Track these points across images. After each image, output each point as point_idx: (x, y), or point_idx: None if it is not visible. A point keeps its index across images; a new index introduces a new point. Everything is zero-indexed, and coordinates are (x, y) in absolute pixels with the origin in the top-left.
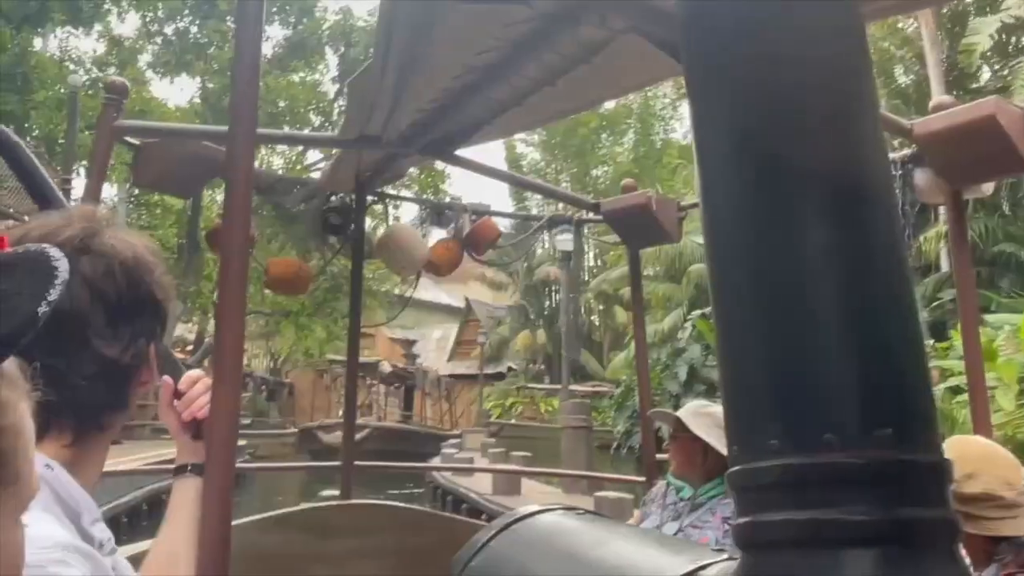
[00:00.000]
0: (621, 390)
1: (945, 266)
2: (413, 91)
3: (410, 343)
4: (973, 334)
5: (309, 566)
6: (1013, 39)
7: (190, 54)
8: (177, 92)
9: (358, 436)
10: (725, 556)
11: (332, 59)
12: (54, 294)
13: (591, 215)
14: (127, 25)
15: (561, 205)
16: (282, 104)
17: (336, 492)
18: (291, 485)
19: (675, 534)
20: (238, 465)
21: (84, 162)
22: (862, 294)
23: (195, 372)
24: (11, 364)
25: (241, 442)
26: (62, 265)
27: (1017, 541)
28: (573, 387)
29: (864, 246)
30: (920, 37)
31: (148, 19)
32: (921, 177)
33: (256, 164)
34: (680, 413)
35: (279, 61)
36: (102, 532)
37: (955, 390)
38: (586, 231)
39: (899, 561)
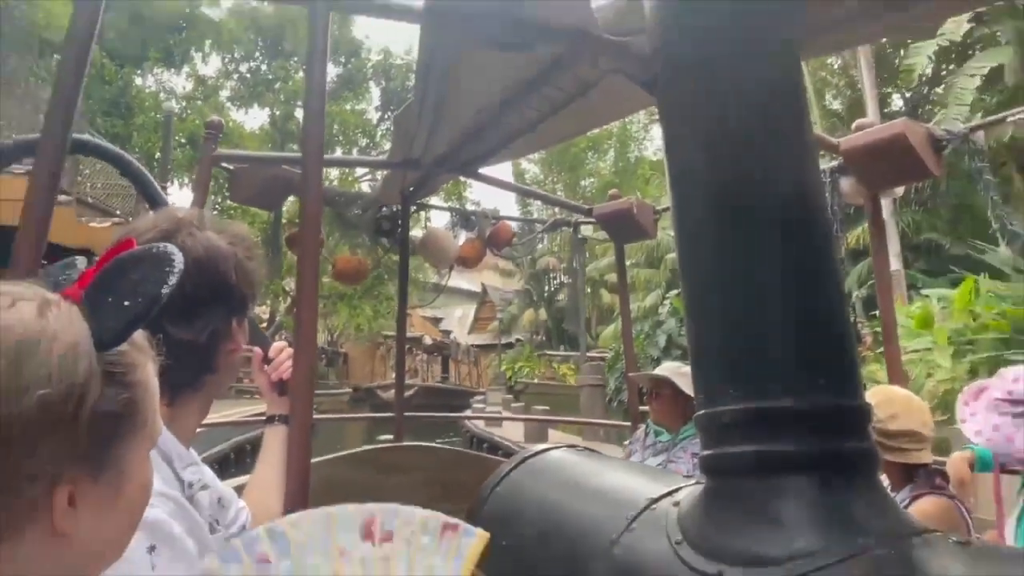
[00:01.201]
0: (611, 355)
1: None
2: (445, 124)
3: (438, 320)
4: (888, 307)
5: (370, 494)
6: (947, 62)
7: (260, 87)
8: (251, 119)
9: (407, 393)
10: (694, 482)
11: (375, 91)
12: (173, 280)
13: (585, 218)
14: (210, 66)
15: (557, 210)
16: (336, 128)
17: (391, 437)
18: (350, 433)
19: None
20: (319, 415)
21: (175, 173)
22: (799, 277)
23: (280, 343)
24: (139, 334)
25: None
26: (178, 258)
27: (927, 469)
28: (588, 353)
29: (800, 239)
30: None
31: (227, 60)
32: (846, 183)
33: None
34: (665, 373)
35: (333, 93)
36: (192, 475)
37: (879, 353)
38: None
39: (832, 483)
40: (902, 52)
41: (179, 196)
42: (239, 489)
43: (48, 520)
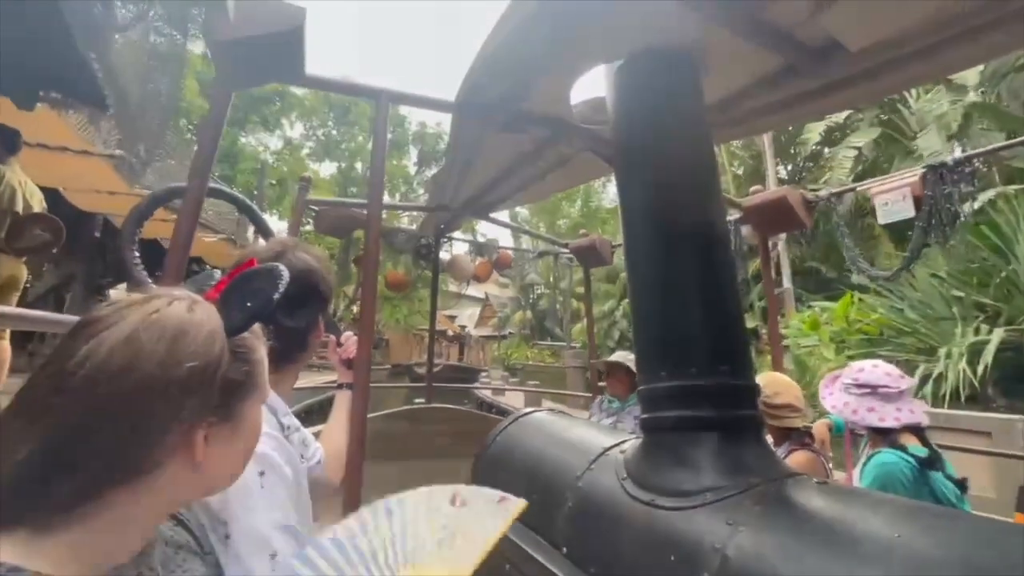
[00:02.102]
0: (579, 346)
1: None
2: (467, 181)
3: (453, 317)
4: (774, 318)
5: (409, 439)
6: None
7: (331, 146)
8: (323, 169)
9: (438, 368)
10: (635, 437)
11: (413, 151)
12: (281, 289)
13: (564, 250)
14: (295, 130)
15: (541, 243)
16: (385, 177)
17: (423, 400)
18: (391, 397)
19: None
20: (373, 384)
21: (268, 206)
22: (711, 293)
23: (348, 332)
24: (257, 326)
25: None
26: (285, 274)
27: (799, 431)
28: (561, 344)
29: (711, 265)
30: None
31: (307, 126)
32: (745, 229)
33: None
34: (618, 359)
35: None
36: (291, 421)
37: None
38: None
39: (731, 440)
40: (791, 129)
41: (272, 222)
42: (316, 434)
43: (189, 454)
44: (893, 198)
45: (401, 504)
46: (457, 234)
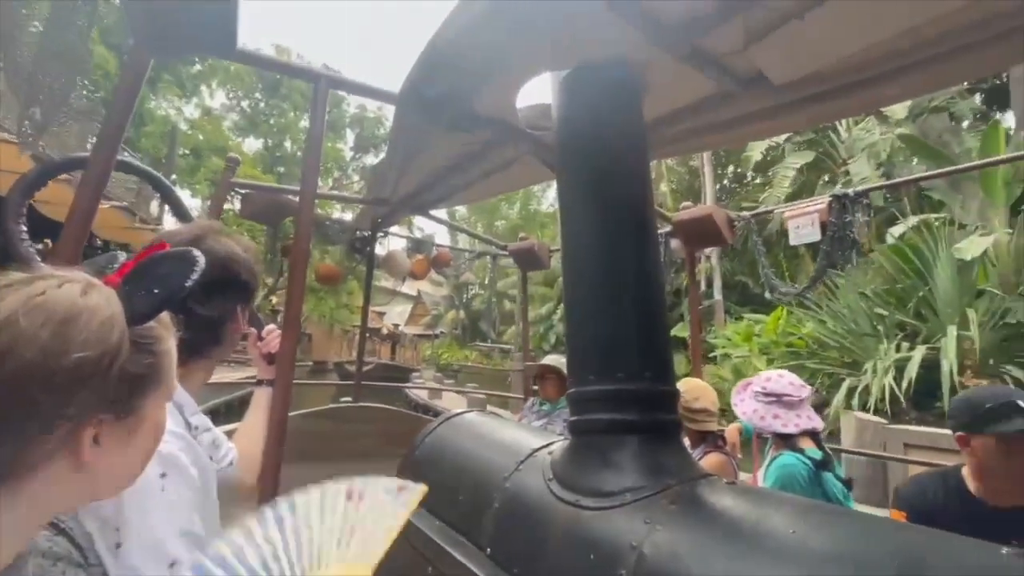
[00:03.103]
0: (515, 348)
1: (703, 285)
2: (408, 176)
3: (382, 314)
4: (696, 330)
5: (333, 440)
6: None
7: (259, 119)
8: (248, 144)
9: (366, 368)
10: (564, 439)
11: (350, 134)
12: (195, 276)
13: (502, 252)
14: (216, 99)
15: (477, 242)
16: None
17: (350, 398)
18: (313, 396)
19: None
20: (296, 381)
21: (178, 177)
22: (638, 305)
23: (271, 326)
24: (165, 314)
25: None
26: (201, 260)
27: (714, 434)
28: (502, 345)
29: (642, 275)
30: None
31: (231, 95)
32: (674, 243)
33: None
34: (550, 362)
35: None
36: (199, 420)
37: (710, 357)
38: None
39: (650, 442)
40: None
41: (183, 198)
42: (229, 434)
43: (74, 454)
44: (803, 222)
45: (292, 508)
46: (393, 229)
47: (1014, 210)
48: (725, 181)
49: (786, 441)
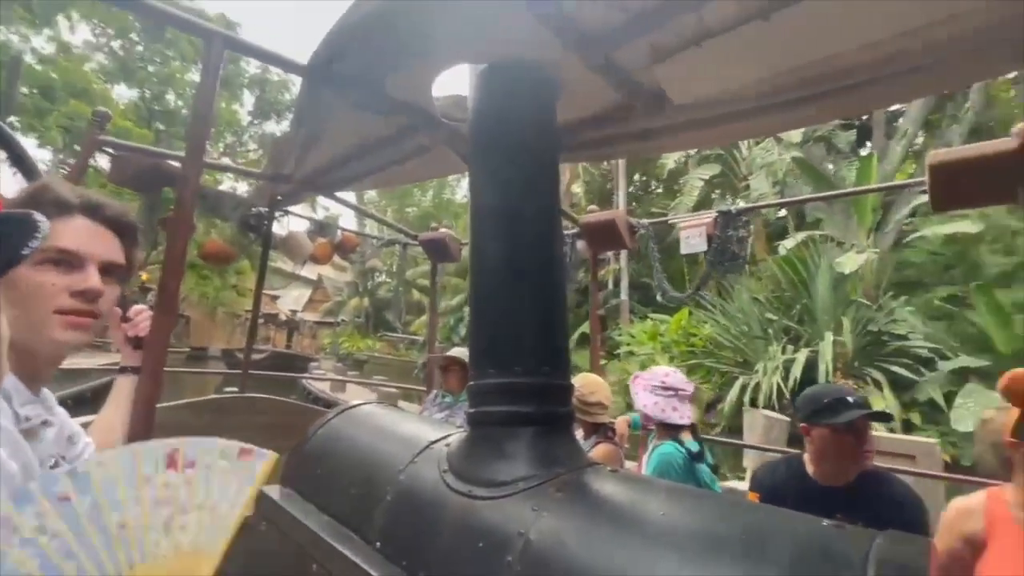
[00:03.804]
0: (423, 339)
1: (611, 285)
2: (313, 153)
3: (276, 298)
4: (596, 328)
5: (213, 433)
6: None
7: (134, 65)
8: (119, 93)
9: (261, 356)
10: (462, 431)
11: (249, 96)
12: (36, 242)
13: (412, 241)
14: (79, 33)
15: (388, 230)
16: None
17: (235, 388)
18: (192, 386)
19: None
20: (169, 369)
21: (21, 117)
22: (538, 301)
23: (139, 306)
24: None
25: None
26: (44, 226)
27: (605, 426)
28: (413, 336)
29: (545, 273)
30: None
31: (98, 32)
32: (580, 244)
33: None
34: (455, 354)
35: None
36: (31, 411)
37: (615, 353)
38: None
39: (544, 433)
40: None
41: (29, 147)
42: (87, 426)
43: None
44: (693, 233)
45: (83, 484)
46: (295, 208)
47: (879, 232)
48: (632, 188)
49: (668, 432)
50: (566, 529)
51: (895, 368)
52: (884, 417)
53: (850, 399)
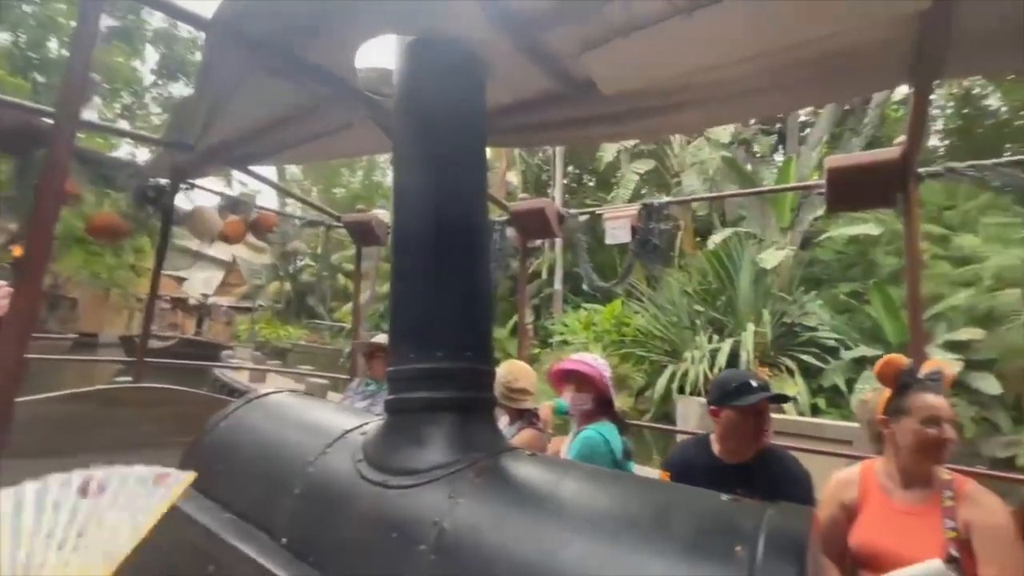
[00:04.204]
0: (350, 327)
1: (545, 275)
2: (221, 121)
3: (181, 279)
4: (523, 315)
5: (100, 428)
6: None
7: (6, 3)
8: None
9: (167, 344)
10: (380, 419)
11: (153, 52)
12: None
13: (336, 223)
14: None
15: (313, 211)
16: (97, 77)
17: (130, 379)
18: (78, 375)
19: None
20: (48, 356)
21: None
22: (463, 286)
23: None
24: None
25: None
26: None
27: (530, 411)
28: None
29: (470, 257)
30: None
31: None
32: (510, 232)
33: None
34: (380, 341)
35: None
36: None
37: (548, 342)
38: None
39: (464, 419)
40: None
41: None
42: None
43: None
44: (618, 224)
45: None
46: (205, 182)
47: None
48: (567, 180)
49: (591, 418)
50: (482, 515)
51: (805, 357)
52: (783, 399)
53: (754, 383)
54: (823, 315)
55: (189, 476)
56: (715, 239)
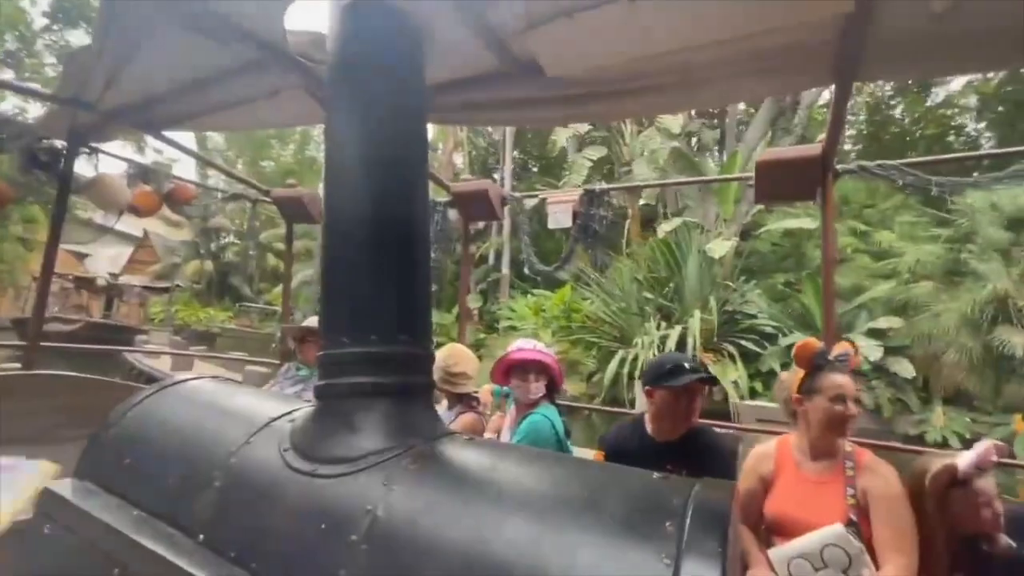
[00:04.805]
0: (280, 311)
1: (492, 259)
2: (127, 78)
3: (83, 256)
4: (464, 299)
5: None
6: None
7: None
8: None
9: (73, 327)
10: (310, 405)
11: None
12: None
13: (263, 198)
14: None
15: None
16: None
17: (19, 365)
18: None
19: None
20: None
21: None
22: (402, 263)
23: None
24: None
25: None
26: None
27: (470, 395)
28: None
29: (407, 238)
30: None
31: None
32: (452, 213)
33: None
34: (312, 324)
35: None
36: None
37: (494, 327)
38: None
39: (399, 404)
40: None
41: None
42: None
43: None
44: (560, 209)
45: None
46: (111, 147)
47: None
48: (514, 166)
49: (536, 403)
50: (417, 502)
51: (745, 343)
52: (713, 381)
53: (687, 365)
54: (761, 303)
55: (47, 467)
56: (664, 228)
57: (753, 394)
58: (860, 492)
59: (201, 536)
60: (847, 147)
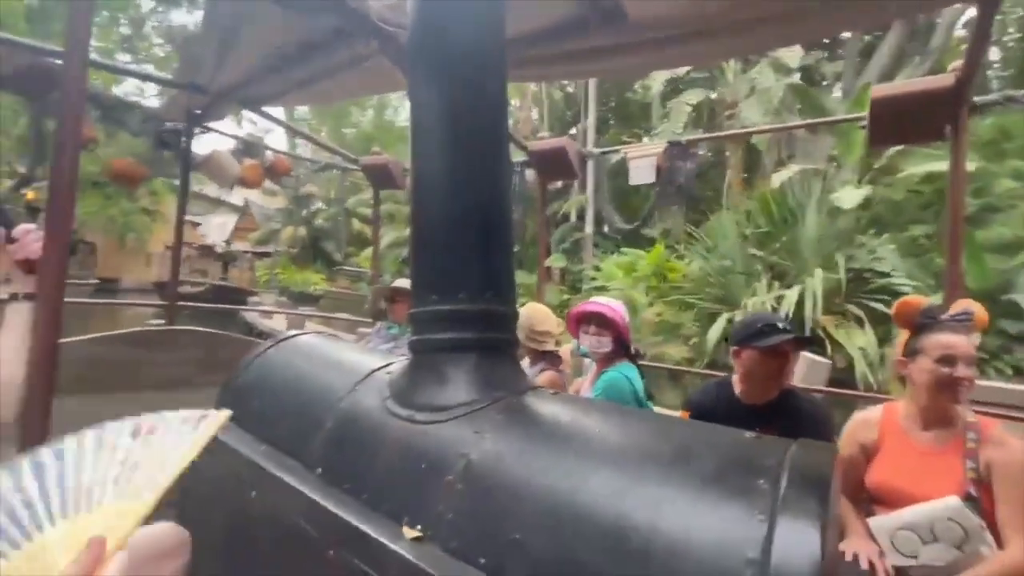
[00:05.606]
0: (369, 273)
1: (574, 218)
2: (232, 61)
3: (196, 224)
4: (543, 257)
5: (138, 368)
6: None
7: None
8: None
9: (200, 290)
10: (405, 359)
11: None
12: None
13: (352, 166)
14: None
15: (325, 153)
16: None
17: (163, 321)
18: (105, 319)
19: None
20: (83, 300)
21: None
22: (485, 228)
23: (26, 225)
24: None
25: None
26: None
27: (551, 353)
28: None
29: (491, 198)
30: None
31: None
32: (529, 173)
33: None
34: (402, 284)
35: None
36: None
37: (576, 288)
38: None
39: (485, 359)
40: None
41: None
42: None
43: None
44: (643, 164)
45: (59, 455)
46: (218, 125)
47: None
48: (598, 117)
49: (611, 360)
50: (506, 449)
51: (875, 304)
52: (807, 342)
53: (780, 325)
54: (894, 260)
55: (223, 414)
56: (781, 176)
57: (884, 363)
58: (983, 465)
59: (319, 469)
60: (989, 74)
